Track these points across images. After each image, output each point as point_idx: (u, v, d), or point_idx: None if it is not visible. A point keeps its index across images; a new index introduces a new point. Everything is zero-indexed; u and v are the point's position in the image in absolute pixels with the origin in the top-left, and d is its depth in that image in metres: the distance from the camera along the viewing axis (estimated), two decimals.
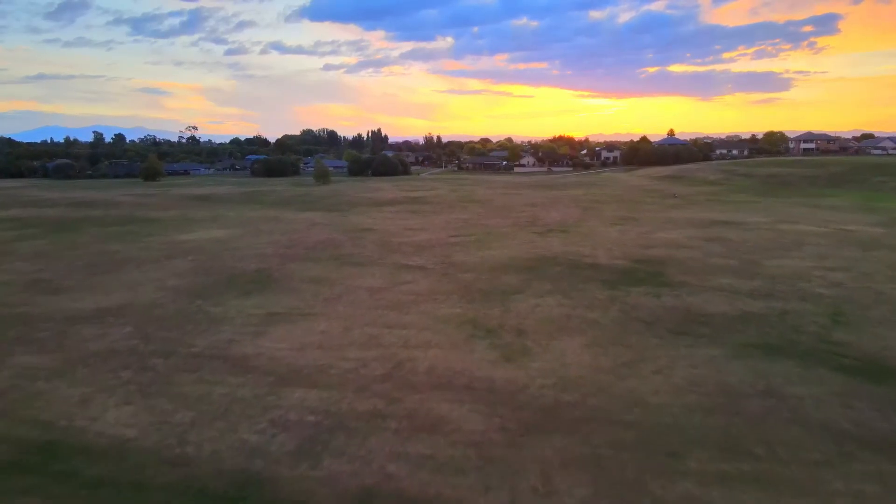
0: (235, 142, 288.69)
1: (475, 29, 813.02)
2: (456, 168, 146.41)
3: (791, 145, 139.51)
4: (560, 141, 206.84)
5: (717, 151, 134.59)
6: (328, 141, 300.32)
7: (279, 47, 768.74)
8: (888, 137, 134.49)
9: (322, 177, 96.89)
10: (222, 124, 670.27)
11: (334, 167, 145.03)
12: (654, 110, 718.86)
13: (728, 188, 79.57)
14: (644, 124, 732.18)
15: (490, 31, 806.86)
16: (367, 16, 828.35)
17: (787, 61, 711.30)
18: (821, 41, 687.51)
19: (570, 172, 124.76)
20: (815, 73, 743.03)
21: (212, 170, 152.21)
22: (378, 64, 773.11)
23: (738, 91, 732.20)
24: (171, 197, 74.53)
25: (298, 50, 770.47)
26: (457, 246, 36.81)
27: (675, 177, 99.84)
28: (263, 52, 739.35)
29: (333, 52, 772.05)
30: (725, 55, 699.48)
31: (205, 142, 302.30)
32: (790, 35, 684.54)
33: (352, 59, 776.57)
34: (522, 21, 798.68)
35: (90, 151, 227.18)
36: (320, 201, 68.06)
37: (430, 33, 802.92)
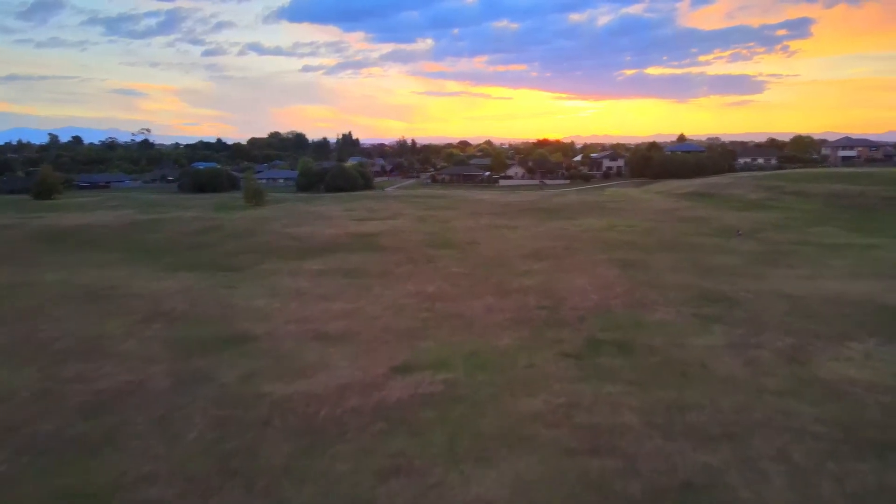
0: (195, 145, 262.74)
1: (455, 31, 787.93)
2: (430, 180, 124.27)
3: (826, 152, 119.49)
4: (550, 146, 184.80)
5: (741, 160, 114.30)
6: (294, 144, 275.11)
7: (257, 48, 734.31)
8: None
9: (253, 197, 74.65)
10: (199, 126, 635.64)
11: (286, 179, 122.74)
12: (631, 112, 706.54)
13: (790, 214, 59.19)
14: (622, 126, 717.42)
15: (470, 32, 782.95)
16: (346, 17, 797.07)
17: (761, 64, 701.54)
18: (793, 45, 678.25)
19: (566, 186, 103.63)
20: (788, 76, 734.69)
21: (139, 182, 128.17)
22: (357, 65, 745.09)
23: (713, 93, 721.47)
24: (12, 235, 51.83)
25: (277, 51, 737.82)
26: (398, 436, 15.20)
27: (703, 194, 79.54)
28: (241, 53, 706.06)
29: (312, 54, 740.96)
30: (701, 58, 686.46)
31: (170, 145, 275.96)
32: (764, 38, 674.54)
33: (331, 61, 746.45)
34: (503, 23, 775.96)
35: (36, 156, 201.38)
36: (219, 245, 45.91)
37: (410, 35, 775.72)
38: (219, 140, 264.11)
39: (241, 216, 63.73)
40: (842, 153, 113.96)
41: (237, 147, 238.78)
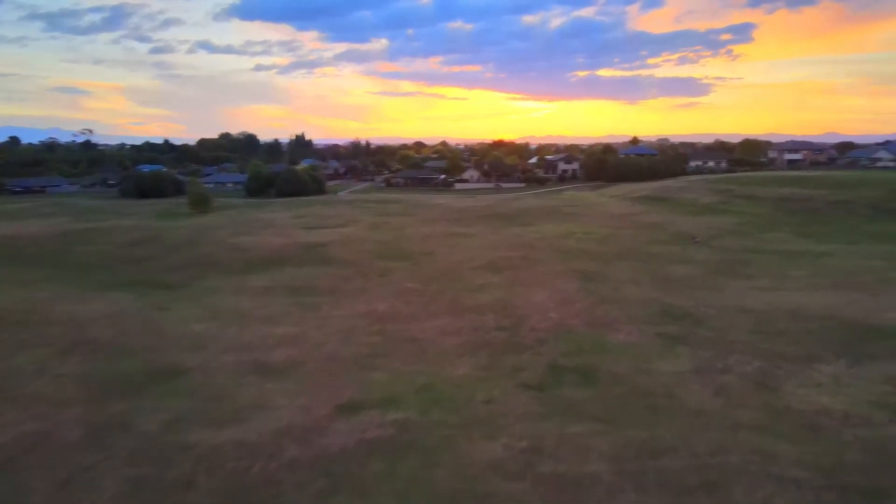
0: (141, 146, 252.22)
1: (410, 31, 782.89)
2: (384, 184, 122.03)
3: (773, 155, 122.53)
4: (504, 147, 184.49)
5: (693, 163, 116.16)
6: (245, 145, 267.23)
7: (207, 46, 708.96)
8: (879, 145, 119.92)
9: (199, 203, 71.14)
10: (146, 125, 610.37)
11: (235, 183, 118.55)
12: (584, 113, 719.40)
13: (742, 219, 59.52)
14: (575, 127, 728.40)
15: (425, 33, 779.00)
16: (299, 16, 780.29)
17: (707, 67, 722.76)
18: (737, 49, 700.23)
19: (522, 190, 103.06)
20: (732, 79, 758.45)
21: (77, 186, 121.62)
22: (311, 65, 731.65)
23: (662, 95, 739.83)
24: None
25: (228, 50, 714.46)
26: (340, 496, 13.39)
27: (657, 198, 79.81)
28: (191, 51, 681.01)
29: (265, 53, 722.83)
30: (650, 61, 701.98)
31: (115, 145, 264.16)
32: (710, 42, 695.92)
33: (284, 60, 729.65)
34: (457, 24, 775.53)
35: None
36: (157, 258, 42.96)
37: (364, 35, 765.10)
38: (166, 141, 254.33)
39: (184, 225, 60.41)
40: (788, 156, 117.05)
41: (185, 148, 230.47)
